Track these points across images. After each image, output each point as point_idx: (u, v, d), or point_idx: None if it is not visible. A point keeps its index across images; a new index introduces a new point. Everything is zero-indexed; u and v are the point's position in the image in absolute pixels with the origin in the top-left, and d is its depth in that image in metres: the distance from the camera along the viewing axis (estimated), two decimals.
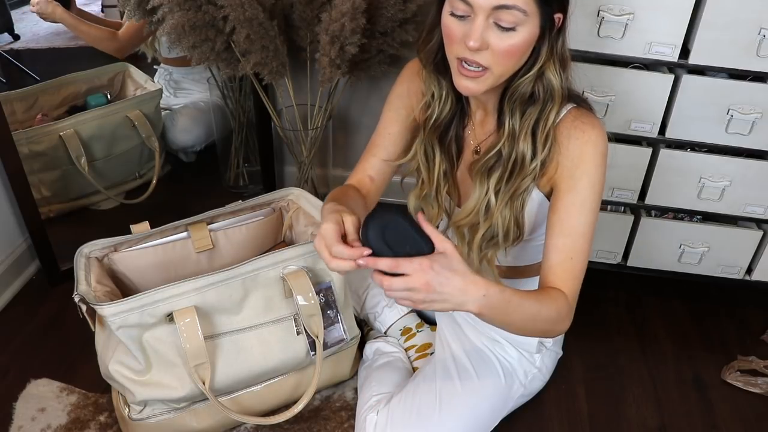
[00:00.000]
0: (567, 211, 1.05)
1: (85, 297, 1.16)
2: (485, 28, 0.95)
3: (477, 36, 0.94)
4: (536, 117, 1.03)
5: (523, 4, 0.93)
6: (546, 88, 1.02)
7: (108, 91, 1.94)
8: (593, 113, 1.07)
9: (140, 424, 1.24)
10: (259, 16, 1.48)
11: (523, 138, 1.04)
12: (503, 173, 1.06)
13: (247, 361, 1.25)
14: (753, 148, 1.42)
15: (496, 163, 1.06)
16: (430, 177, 1.16)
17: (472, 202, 1.10)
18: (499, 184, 1.06)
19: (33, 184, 1.62)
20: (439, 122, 1.13)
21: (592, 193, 1.04)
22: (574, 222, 1.05)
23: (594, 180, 1.04)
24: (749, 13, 1.26)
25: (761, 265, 1.58)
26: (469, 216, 1.10)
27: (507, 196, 1.07)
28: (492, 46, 0.96)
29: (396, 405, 1.23)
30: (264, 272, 1.24)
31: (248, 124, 2.01)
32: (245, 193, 2.09)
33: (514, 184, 1.06)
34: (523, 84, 1.02)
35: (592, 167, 1.04)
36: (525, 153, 1.04)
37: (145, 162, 1.96)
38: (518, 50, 0.97)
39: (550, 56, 1.00)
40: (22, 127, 1.72)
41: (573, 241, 1.05)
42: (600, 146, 1.04)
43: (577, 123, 1.04)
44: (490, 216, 1.08)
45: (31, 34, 1.95)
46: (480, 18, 0.94)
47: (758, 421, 1.41)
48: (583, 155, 1.03)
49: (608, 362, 1.55)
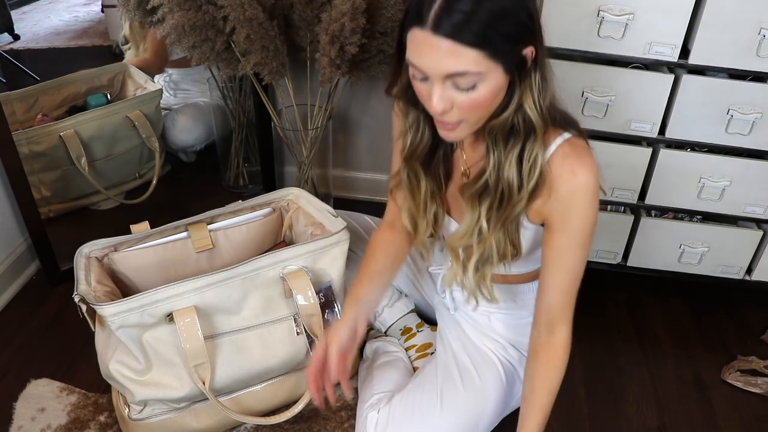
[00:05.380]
0: (560, 249, 1.05)
1: (85, 297, 1.16)
2: (446, 89, 0.92)
3: (437, 102, 0.92)
4: (520, 147, 0.99)
5: (475, 67, 0.88)
6: (526, 120, 0.97)
7: (108, 92, 1.94)
8: (585, 145, 1.04)
9: (140, 424, 1.24)
10: (259, 16, 1.48)
11: (508, 167, 1.00)
12: (493, 200, 1.04)
13: (246, 361, 1.25)
14: (753, 148, 1.42)
15: (486, 191, 1.04)
16: (415, 200, 1.15)
17: (465, 226, 1.08)
18: (490, 210, 1.04)
19: (33, 184, 1.62)
20: (419, 151, 1.10)
21: (584, 231, 1.04)
22: (568, 259, 1.06)
23: (585, 220, 1.03)
24: (749, 13, 1.26)
25: (761, 265, 1.58)
26: (463, 239, 1.09)
27: (500, 222, 1.05)
28: (456, 104, 0.93)
29: (397, 403, 1.23)
30: (264, 272, 1.24)
31: (248, 124, 2.01)
32: (245, 193, 2.09)
33: (506, 211, 1.04)
34: (501, 120, 0.98)
35: (582, 209, 1.02)
36: (512, 183, 1.01)
37: (145, 162, 1.96)
38: (485, 101, 0.93)
39: (527, 90, 0.96)
40: (22, 127, 1.72)
41: (568, 277, 1.07)
42: (591, 187, 1.01)
43: (568, 162, 1.01)
44: (484, 240, 1.07)
45: (31, 34, 1.95)
46: (437, 84, 0.91)
47: (758, 421, 1.41)
48: (574, 199, 1.01)
49: (608, 362, 1.55)
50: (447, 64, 0.88)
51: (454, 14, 0.86)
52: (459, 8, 0.85)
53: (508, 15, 0.88)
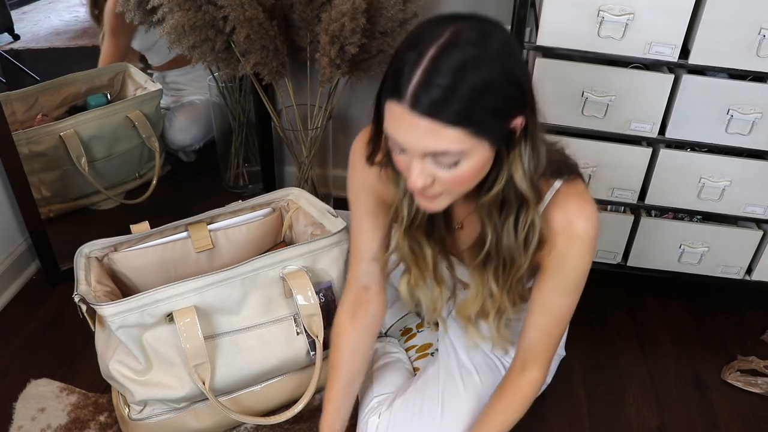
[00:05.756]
0: (550, 293, 1.04)
1: (85, 297, 1.16)
2: (426, 165, 0.85)
3: (416, 178, 0.86)
4: (515, 217, 0.95)
5: (457, 146, 0.82)
6: (516, 193, 0.92)
7: (108, 92, 1.95)
8: (581, 190, 0.99)
9: (140, 424, 1.24)
10: (259, 16, 1.48)
11: (506, 238, 0.96)
12: (497, 265, 1.00)
13: (247, 361, 1.25)
14: (753, 148, 1.42)
15: (489, 258, 1.00)
16: (421, 268, 1.09)
17: (474, 293, 1.06)
18: (496, 273, 1.01)
19: (33, 184, 1.62)
20: (419, 219, 1.03)
21: (576, 279, 1.02)
22: (556, 304, 1.05)
23: (579, 268, 1.01)
24: (749, 13, 1.26)
25: (761, 265, 1.58)
26: (474, 305, 1.07)
27: (507, 283, 1.02)
28: (438, 179, 0.87)
29: (398, 408, 1.23)
30: (264, 272, 1.24)
31: (248, 124, 2.01)
32: (245, 193, 2.09)
33: (510, 273, 1.01)
34: (491, 196, 0.92)
35: (577, 258, 1.00)
36: (512, 251, 0.97)
37: (146, 162, 1.96)
38: (469, 177, 0.87)
39: (516, 160, 0.89)
40: (22, 127, 1.72)
41: (553, 319, 1.06)
42: (589, 236, 0.98)
43: (564, 213, 0.97)
44: (496, 300, 1.04)
45: (31, 34, 1.95)
46: (416, 159, 0.85)
47: (758, 421, 1.41)
48: (570, 249, 0.99)
49: (608, 362, 1.54)
50: (426, 143, 0.82)
51: (433, 90, 0.79)
52: (439, 83, 0.79)
53: (493, 88, 0.81)
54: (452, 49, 0.80)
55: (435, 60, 0.79)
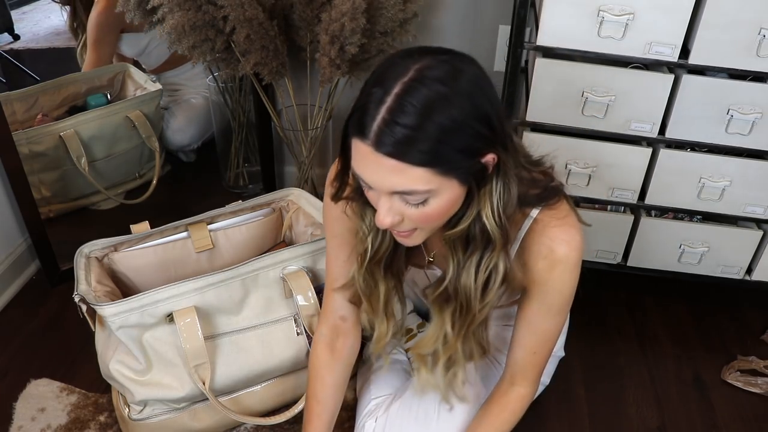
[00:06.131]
0: (535, 315, 1.02)
1: (85, 297, 1.16)
2: (394, 202, 0.83)
3: (384, 216, 0.84)
4: (479, 257, 0.91)
5: (424, 186, 0.79)
6: (483, 231, 0.88)
7: (108, 92, 1.95)
8: (565, 213, 0.96)
9: (140, 424, 1.24)
10: (259, 16, 1.48)
11: (465, 276, 0.92)
12: (455, 307, 0.96)
13: (247, 362, 1.25)
14: (753, 148, 1.42)
15: (448, 297, 0.96)
16: (372, 304, 1.05)
17: (431, 332, 1.01)
18: (453, 316, 0.97)
19: (33, 184, 1.62)
20: (380, 254, 1.00)
21: (562, 301, 1.01)
22: (542, 324, 1.03)
23: (563, 291, 0.99)
24: (749, 13, 1.26)
25: (761, 265, 1.58)
26: (428, 345, 1.02)
27: (463, 328, 0.98)
28: (407, 216, 0.85)
29: (395, 412, 1.21)
30: (264, 272, 1.24)
31: (248, 123, 2.01)
32: (245, 193, 2.09)
33: (468, 317, 0.96)
34: (457, 231, 0.89)
35: (560, 283, 0.97)
36: (469, 293, 0.93)
37: (146, 162, 1.97)
38: (438, 215, 0.85)
39: (485, 198, 0.86)
40: (22, 127, 1.72)
41: (539, 339, 1.05)
42: (571, 261, 0.95)
43: (545, 239, 0.94)
44: (449, 346, 1.00)
45: (31, 34, 1.95)
46: (384, 197, 0.83)
47: (758, 421, 1.41)
48: (552, 274, 0.96)
49: (608, 362, 1.55)
50: (392, 183, 0.80)
51: (397, 131, 0.76)
52: (403, 123, 0.76)
53: (461, 127, 0.78)
54: (418, 86, 0.77)
55: (400, 98, 0.76)
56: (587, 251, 1.04)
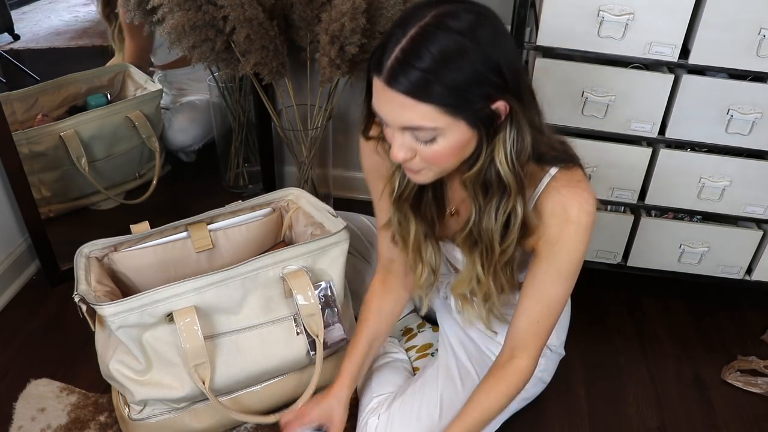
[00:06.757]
0: (543, 278, 1.04)
1: (85, 297, 1.16)
2: (406, 138, 0.89)
3: (397, 150, 0.90)
4: (497, 201, 0.96)
5: (431, 122, 0.85)
6: (498, 177, 0.93)
7: (108, 92, 1.94)
8: (580, 177, 1.00)
9: (140, 424, 1.24)
10: (259, 16, 1.48)
11: (487, 220, 0.98)
12: (482, 249, 1.02)
13: (247, 361, 1.25)
14: (753, 148, 1.42)
15: (474, 240, 1.03)
16: (406, 244, 1.12)
17: (464, 274, 1.09)
18: (482, 257, 1.04)
19: (33, 184, 1.62)
20: (407, 193, 1.07)
21: (571, 265, 1.03)
22: (549, 290, 1.05)
23: (573, 255, 1.01)
24: (749, 13, 1.26)
25: (761, 265, 1.58)
26: (464, 285, 1.10)
27: (492, 268, 1.04)
28: (419, 153, 0.91)
29: (397, 409, 1.23)
30: (264, 272, 1.24)
31: (248, 123, 2.01)
32: (245, 193, 2.09)
33: (494, 257, 1.02)
34: (473, 173, 0.94)
35: (571, 244, 1.00)
36: (492, 235, 0.99)
37: (146, 162, 1.96)
38: (447, 155, 0.90)
39: (499, 145, 0.91)
40: (22, 127, 1.72)
41: (544, 307, 1.06)
42: (584, 222, 0.98)
43: (560, 199, 0.98)
44: (483, 285, 1.07)
45: (31, 34, 1.95)
46: (397, 133, 0.89)
47: (758, 421, 1.41)
48: (564, 233, 0.99)
49: (608, 362, 1.55)
50: (401, 118, 0.86)
51: (409, 70, 0.82)
52: (414, 62, 0.82)
53: (470, 71, 0.83)
54: (434, 30, 0.83)
55: (414, 40, 0.83)
56: (587, 251, 1.05)
